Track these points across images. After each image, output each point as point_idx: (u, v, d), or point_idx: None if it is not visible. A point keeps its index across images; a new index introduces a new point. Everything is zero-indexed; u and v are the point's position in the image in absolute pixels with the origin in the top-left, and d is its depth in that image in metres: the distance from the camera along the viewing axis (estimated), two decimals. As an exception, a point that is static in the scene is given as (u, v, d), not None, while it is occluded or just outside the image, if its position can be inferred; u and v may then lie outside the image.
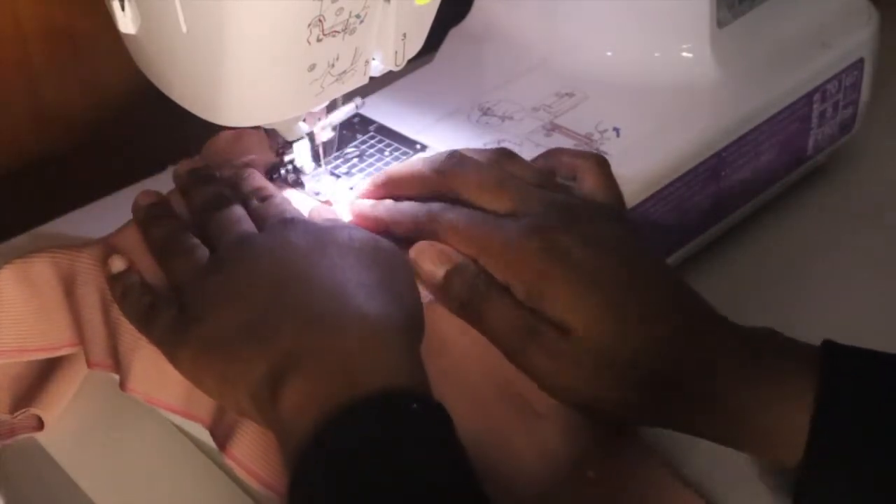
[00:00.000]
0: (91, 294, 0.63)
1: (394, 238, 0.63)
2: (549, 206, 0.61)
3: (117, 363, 0.62)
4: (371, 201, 0.65)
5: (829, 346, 0.58)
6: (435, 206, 0.63)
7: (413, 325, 0.58)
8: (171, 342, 0.58)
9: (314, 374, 0.53)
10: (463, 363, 0.61)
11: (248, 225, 0.62)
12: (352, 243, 0.60)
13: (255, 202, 0.65)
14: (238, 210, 0.63)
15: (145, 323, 0.60)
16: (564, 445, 0.61)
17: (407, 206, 0.64)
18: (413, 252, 0.62)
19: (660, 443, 0.63)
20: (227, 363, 0.56)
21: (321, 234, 0.60)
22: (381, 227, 0.64)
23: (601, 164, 0.65)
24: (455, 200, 0.63)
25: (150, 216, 0.65)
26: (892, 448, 0.55)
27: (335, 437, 0.51)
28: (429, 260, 0.61)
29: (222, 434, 0.59)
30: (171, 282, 0.61)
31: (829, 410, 0.55)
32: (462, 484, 0.51)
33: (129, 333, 0.61)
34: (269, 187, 0.66)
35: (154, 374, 0.61)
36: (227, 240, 0.61)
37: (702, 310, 0.60)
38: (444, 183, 0.63)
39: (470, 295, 0.60)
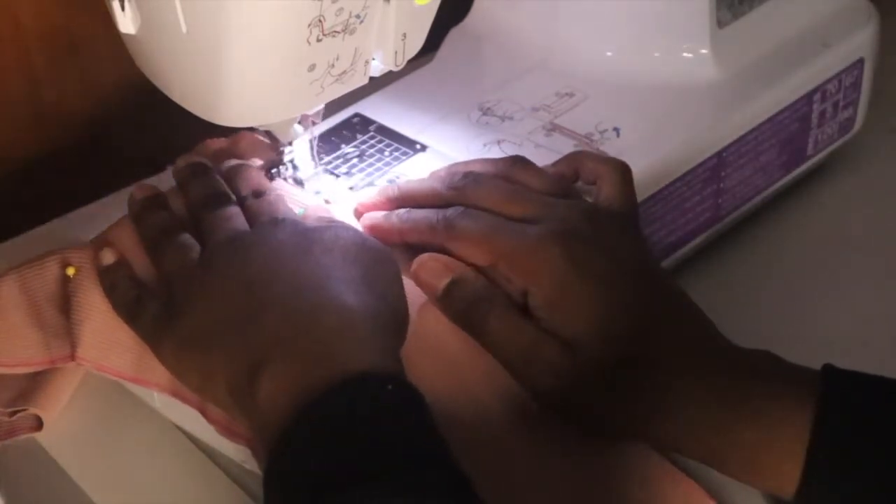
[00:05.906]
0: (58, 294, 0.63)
1: (408, 246, 0.62)
2: (569, 212, 0.61)
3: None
4: (383, 212, 0.65)
5: (827, 372, 0.57)
6: (451, 212, 0.62)
7: (394, 318, 0.58)
8: (155, 336, 0.59)
9: (290, 362, 0.53)
10: (456, 364, 0.61)
11: (240, 223, 0.62)
12: (337, 241, 0.60)
13: (249, 199, 0.65)
14: (232, 207, 0.63)
15: (131, 316, 0.60)
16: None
17: (422, 213, 0.63)
18: (414, 265, 0.61)
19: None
20: (207, 356, 0.56)
21: (308, 234, 0.60)
22: (395, 237, 0.63)
23: (623, 172, 0.64)
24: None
25: (144, 210, 0.65)
26: (888, 476, 0.54)
27: (311, 417, 0.51)
28: (429, 272, 0.61)
29: (193, 397, 0.60)
30: (159, 276, 0.61)
31: (824, 441, 0.55)
32: (438, 460, 0.50)
33: (80, 306, 0.62)
34: (264, 184, 0.66)
35: (103, 342, 0.61)
36: (217, 237, 0.61)
37: (707, 331, 0.60)
38: (461, 200, 0.63)
39: (470, 307, 0.60)
